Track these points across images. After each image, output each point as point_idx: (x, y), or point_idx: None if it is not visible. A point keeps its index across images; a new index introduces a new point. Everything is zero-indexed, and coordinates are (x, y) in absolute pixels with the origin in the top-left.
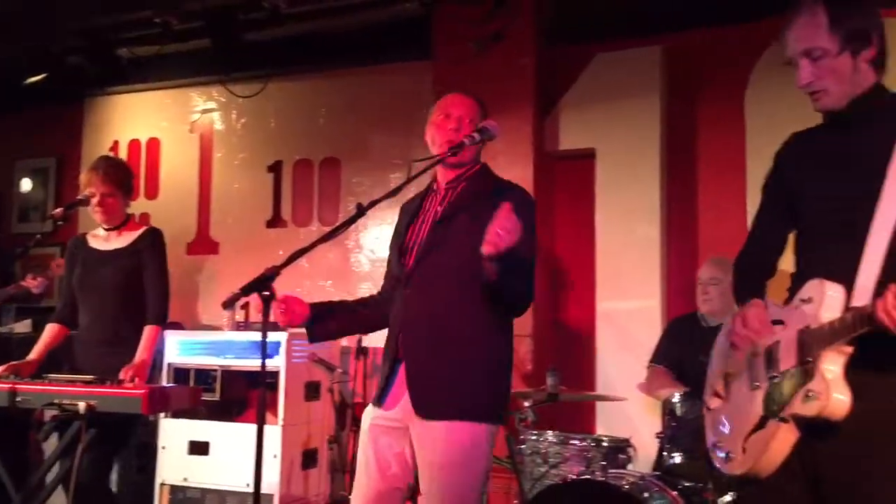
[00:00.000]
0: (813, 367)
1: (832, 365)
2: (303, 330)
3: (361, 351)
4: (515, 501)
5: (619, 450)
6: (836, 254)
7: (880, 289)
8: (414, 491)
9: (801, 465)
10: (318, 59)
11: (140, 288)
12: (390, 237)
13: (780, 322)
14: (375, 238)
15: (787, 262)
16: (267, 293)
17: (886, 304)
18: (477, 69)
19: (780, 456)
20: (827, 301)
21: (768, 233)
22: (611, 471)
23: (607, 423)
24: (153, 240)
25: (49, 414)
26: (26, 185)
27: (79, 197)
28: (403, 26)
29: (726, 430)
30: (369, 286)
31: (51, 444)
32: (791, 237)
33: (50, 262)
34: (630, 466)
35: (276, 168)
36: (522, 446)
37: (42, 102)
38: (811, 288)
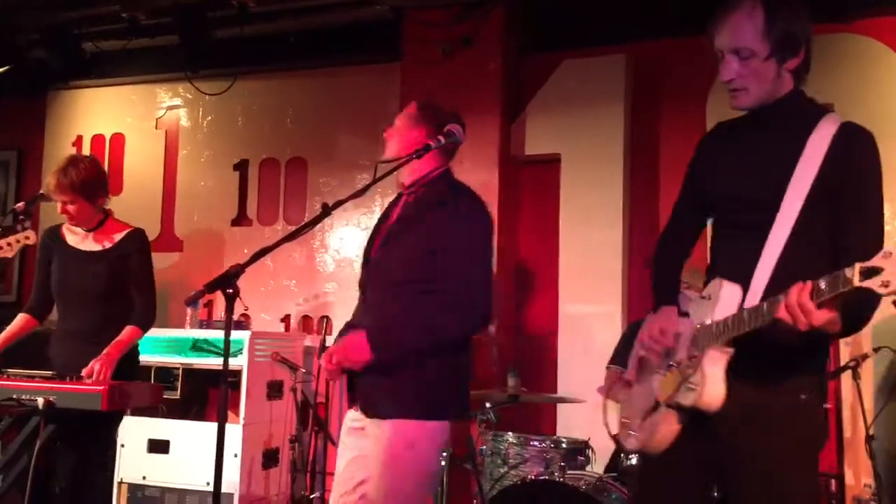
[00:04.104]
0: (697, 362)
1: (713, 361)
2: (266, 329)
3: (325, 350)
4: (475, 502)
5: (578, 451)
6: (739, 254)
7: (770, 291)
8: None
9: (694, 449)
10: (286, 58)
11: (123, 290)
12: (356, 238)
13: (686, 314)
14: (341, 238)
15: None
16: (231, 291)
17: (790, 301)
18: (445, 72)
19: (668, 438)
20: (722, 300)
21: (683, 221)
22: (569, 472)
23: (567, 425)
24: (141, 244)
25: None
26: None
27: (40, 192)
28: (373, 28)
29: (633, 409)
30: (334, 286)
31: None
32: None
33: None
34: (588, 468)
35: (242, 166)
36: (483, 447)
37: (4, 95)
38: (712, 286)
